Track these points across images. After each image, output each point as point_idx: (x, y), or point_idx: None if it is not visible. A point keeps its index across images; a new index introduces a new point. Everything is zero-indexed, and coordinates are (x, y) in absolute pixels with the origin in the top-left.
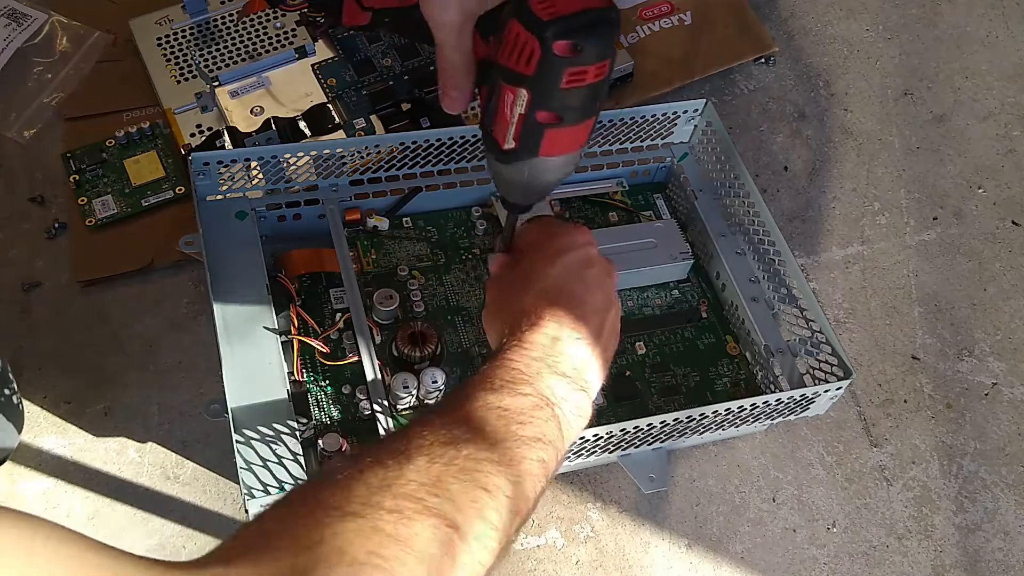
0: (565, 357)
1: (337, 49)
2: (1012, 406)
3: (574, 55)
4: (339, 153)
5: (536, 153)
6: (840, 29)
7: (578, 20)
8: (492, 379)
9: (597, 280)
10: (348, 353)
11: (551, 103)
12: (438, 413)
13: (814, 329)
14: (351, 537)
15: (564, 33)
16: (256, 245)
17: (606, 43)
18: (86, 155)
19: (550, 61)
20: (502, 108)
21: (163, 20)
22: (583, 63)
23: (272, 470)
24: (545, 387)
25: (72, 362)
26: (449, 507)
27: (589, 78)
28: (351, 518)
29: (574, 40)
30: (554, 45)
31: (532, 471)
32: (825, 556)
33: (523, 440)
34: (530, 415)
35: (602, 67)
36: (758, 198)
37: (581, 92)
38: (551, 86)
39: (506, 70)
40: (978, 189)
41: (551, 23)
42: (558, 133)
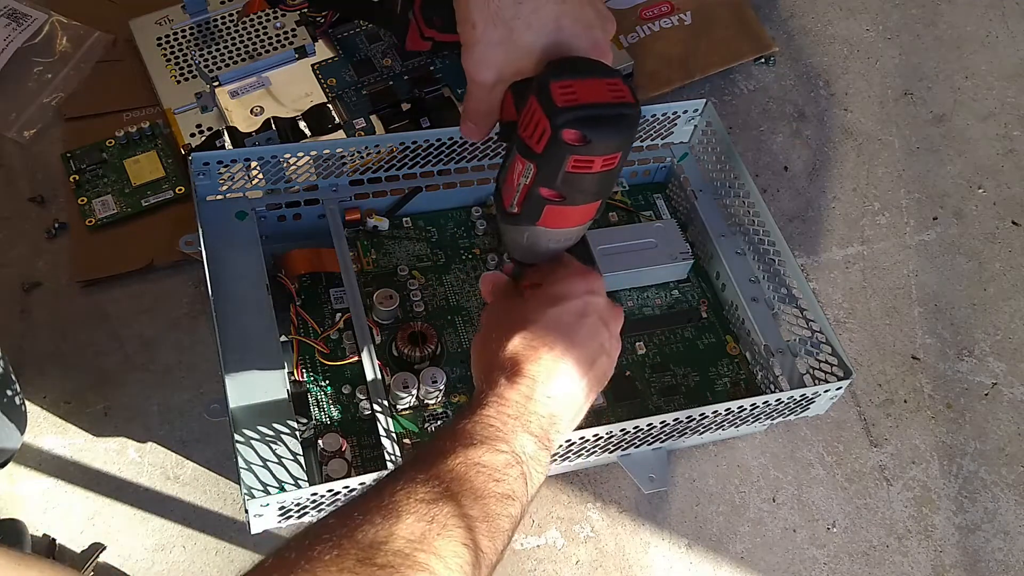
0: (535, 417)
1: (337, 49)
2: (1012, 406)
3: (582, 144)
4: (339, 153)
5: (535, 222)
6: (840, 29)
7: (591, 112)
8: (471, 435)
9: (589, 331)
10: (348, 353)
11: (554, 183)
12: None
13: (814, 329)
14: None
15: (574, 122)
16: (256, 245)
17: (617, 138)
18: (86, 155)
19: (557, 145)
20: (511, 174)
21: (163, 20)
22: (590, 153)
23: (272, 470)
24: (518, 445)
25: (72, 362)
26: (436, 562)
27: (595, 168)
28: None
29: (583, 131)
30: (563, 132)
31: (503, 527)
32: (825, 556)
33: (498, 497)
34: (504, 472)
35: (611, 159)
36: (758, 198)
37: (586, 178)
38: (556, 168)
39: (520, 141)
40: (978, 189)
41: (564, 110)
42: (559, 210)
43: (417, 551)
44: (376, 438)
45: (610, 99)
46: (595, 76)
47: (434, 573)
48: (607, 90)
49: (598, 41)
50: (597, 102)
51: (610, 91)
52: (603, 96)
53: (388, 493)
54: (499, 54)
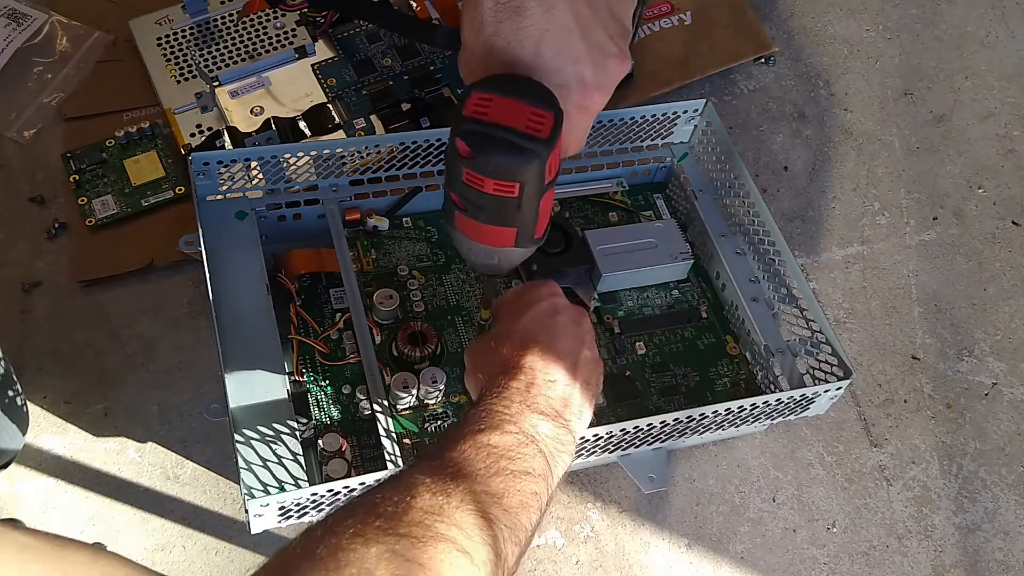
0: (542, 398)
1: (337, 49)
2: (1012, 406)
3: (470, 159)
4: (339, 153)
5: (453, 225)
6: (840, 29)
7: (489, 131)
8: (477, 422)
9: (565, 326)
10: (348, 353)
11: (454, 187)
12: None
13: (814, 329)
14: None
15: (465, 134)
16: (256, 245)
17: (507, 167)
18: (86, 155)
19: (453, 151)
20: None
21: (163, 20)
22: (478, 171)
23: (272, 470)
24: (528, 425)
25: (72, 362)
26: (456, 533)
27: (487, 188)
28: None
29: (471, 146)
30: (456, 140)
31: (526, 502)
32: (825, 556)
33: (514, 474)
34: (517, 451)
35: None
36: (758, 198)
37: (482, 196)
38: (454, 174)
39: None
40: (978, 189)
41: (466, 120)
42: (466, 220)
43: (436, 522)
44: (376, 438)
45: (520, 127)
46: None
47: (454, 541)
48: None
49: (584, 79)
50: (502, 124)
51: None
52: (514, 121)
53: (404, 476)
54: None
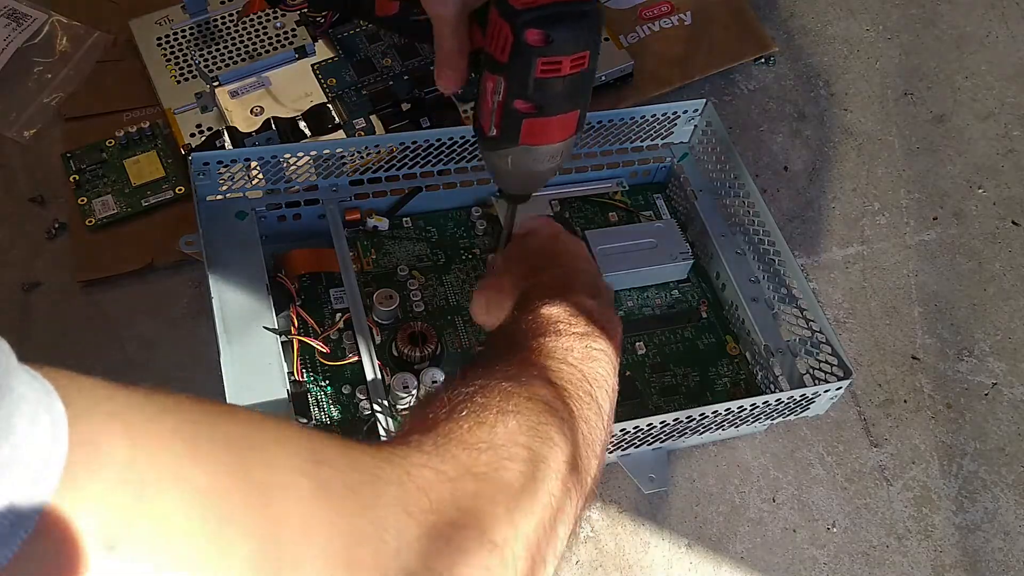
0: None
1: (337, 49)
2: (1012, 406)
3: (546, 44)
4: (339, 153)
5: (516, 141)
6: (840, 29)
7: (550, 10)
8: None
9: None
10: (348, 353)
11: (525, 92)
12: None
13: (814, 329)
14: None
15: (534, 22)
16: (256, 245)
17: (580, 34)
18: (86, 155)
19: (522, 50)
20: (484, 95)
21: (163, 20)
22: (556, 53)
23: None
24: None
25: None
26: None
27: (564, 69)
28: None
29: (544, 29)
30: (526, 33)
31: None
32: (825, 556)
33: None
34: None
35: (579, 58)
36: (758, 198)
37: (557, 82)
38: (525, 75)
39: (488, 57)
40: (978, 189)
41: (523, 11)
42: (537, 122)
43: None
44: (376, 438)
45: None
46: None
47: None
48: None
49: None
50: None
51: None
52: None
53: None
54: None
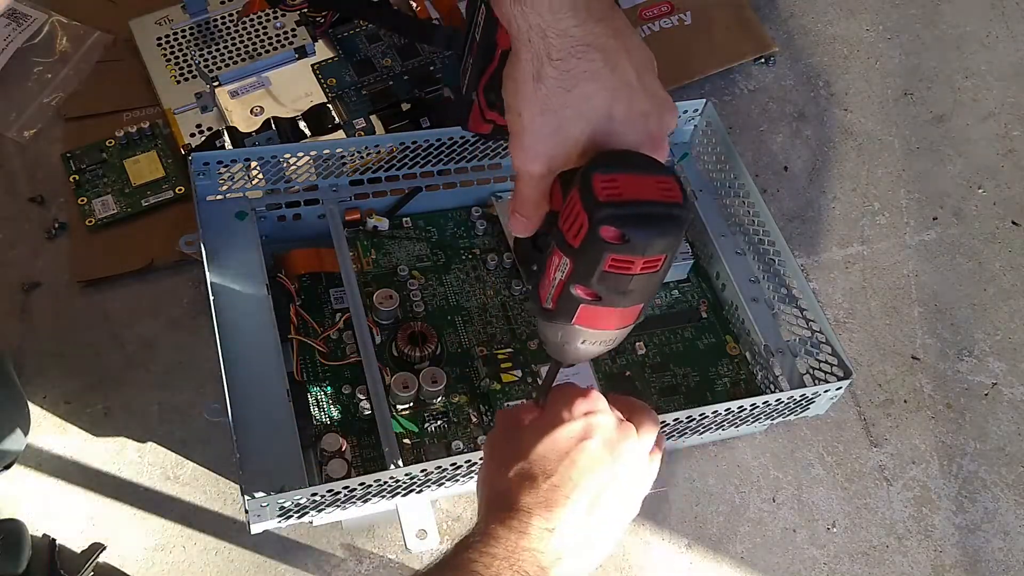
0: (529, 555)
1: (337, 49)
2: (1012, 406)
3: (621, 243)
4: (339, 153)
5: (570, 321)
6: (840, 29)
7: (634, 210)
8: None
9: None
10: (348, 353)
11: (589, 281)
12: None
13: (814, 329)
14: None
15: (614, 219)
16: (256, 245)
17: (660, 240)
18: (86, 155)
19: (595, 242)
20: (548, 268)
21: (163, 20)
22: (629, 253)
23: (272, 470)
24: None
25: (72, 362)
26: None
27: (635, 269)
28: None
29: (623, 229)
30: (601, 229)
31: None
32: (825, 556)
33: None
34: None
35: (653, 261)
36: (758, 198)
37: (624, 279)
38: (592, 265)
39: (559, 233)
40: (978, 189)
41: (604, 206)
42: (595, 310)
43: None
44: (376, 438)
45: (657, 197)
46: (644, 171)
47: None
48: (655, 187)
49: (652, 133)
50: (642, 199)
51: (659, 188)
52: (649, 193)
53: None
54: (548, 145)
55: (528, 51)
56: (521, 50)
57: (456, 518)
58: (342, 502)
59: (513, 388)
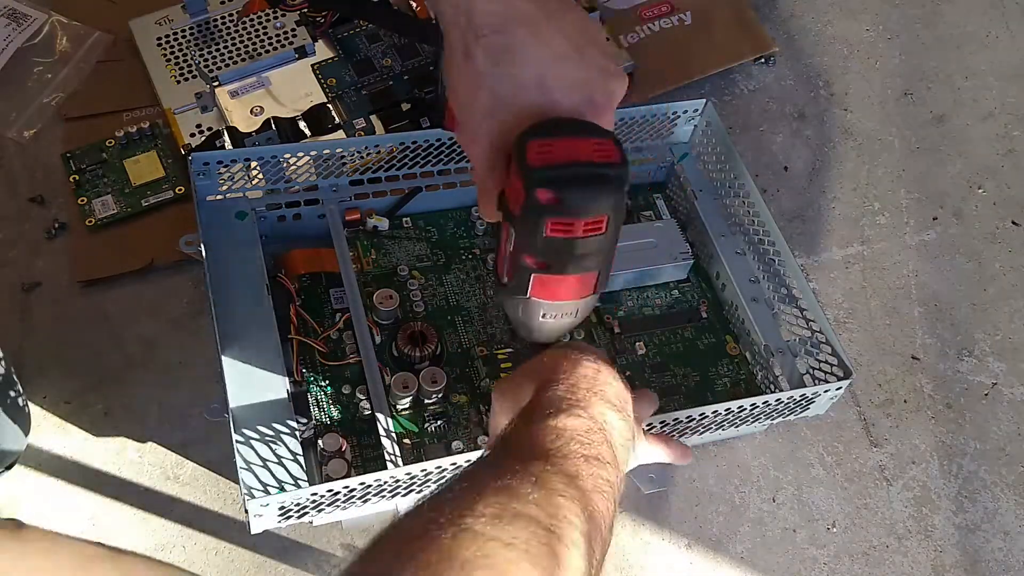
0: (610, 387)
1: (337, 49)
2: (1012, 406)
3: (557, 205)
4: (339, 153)
5: (525, 293)
6: (840, 29)
7: (567, 171)
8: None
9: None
10: (348, 353)
11: (534, 248)
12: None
13: (814, 329)
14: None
15: (548, 182)
16: (256, 245)
17: (598, 200)
18: (86, 155)
19: (533, 207)
20: (501, 242)
21: (163, 20)
22: (568, 216)
23: (272, 470)
24: (597, 412)
25: (72, 362)
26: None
27: (577, 232)
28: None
29: (556, 191)
30: (537, 192)
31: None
32: (825, 556)
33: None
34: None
35: (594, 223)
36: (758, 198)
37: (568, 243)
38: (534, 232)
39: (504, 206)
40: (978, 189)
41: (537, 170)
42: (547, 279)
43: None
44: (376, 438)
45: (592, 158)
46: (580, 135)
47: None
48: (591, 148)
49: (595, 101)
50: (575, 160)
51: (595, 150)
52: (584, 155)
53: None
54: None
55: (456, 31)
56: (450, 32)
57: None
58: (342, 502)
59: None
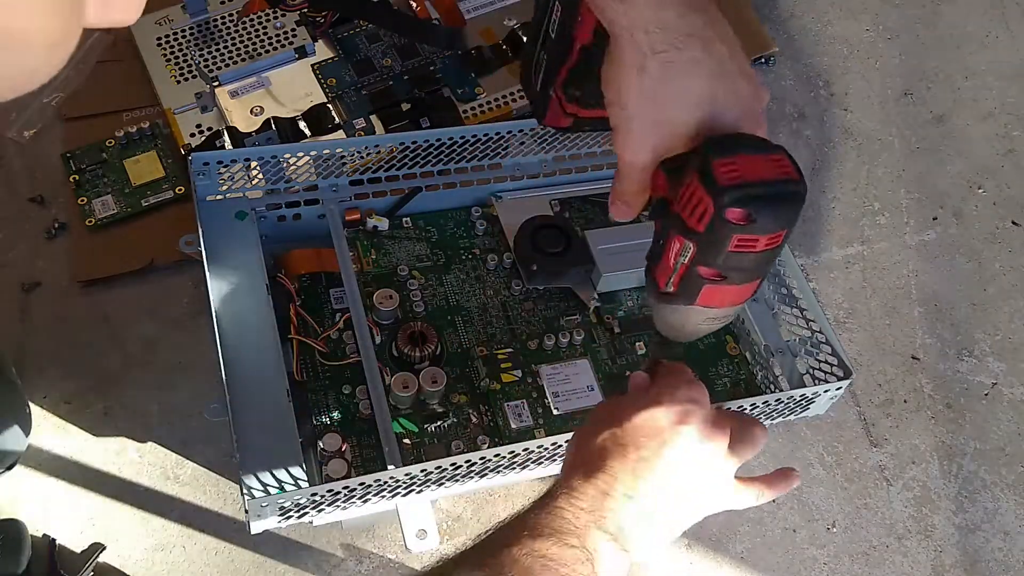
0: (611, 514)
1: (337, 49)
2: (1012, 406)
3: (747, 223)
4: (339, 153)
5: (693, 302)
6: (840, 29)
7: (757, 190)
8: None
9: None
10: (348, 353)
11: (715, 262)
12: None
13: (814, 329)
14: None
15: (740, 201)
16: (256, 245)
17: (783, 217)
18: (86, 155)
19: (721, 225)
20: (667, 253)
21: (163, 20)
22: (755, 232)
23: (272, 470)
24: (590, 542)
25: (72, 362)
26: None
27: (760, 247)
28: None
29: (749, 210)
30: (727, 211)
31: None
32: (825, 556)
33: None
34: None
35: (775, 238)
36: None
37: (748, 257)
38: (718, 247)
39: (678, 219)
40: (978, 189)
41: (729, 189)
42: (717, 289)
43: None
44: (376, 438)
45: (775, 176)
46: (756, 151)
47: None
48: (772, 166)
49: (752, 111)
50: (762, 179)
51: (775, 167)
52: (767, 173)
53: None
54: (653, 135)
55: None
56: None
57: (456, 518)
58: (342, 502)
59: (513, 388)
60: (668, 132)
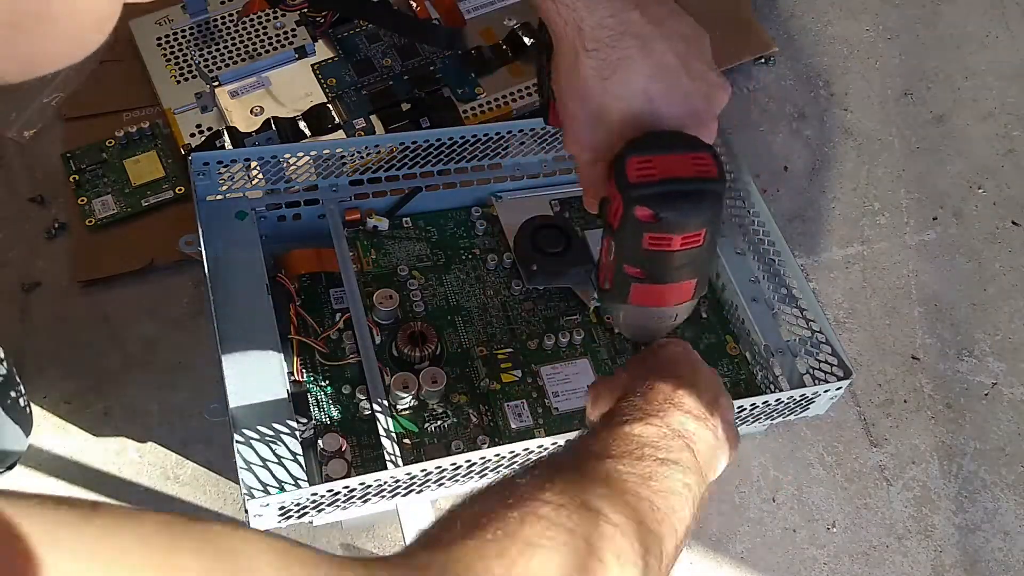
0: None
1: (337, 49)
2: (1012, 406)
3: (654, 221)
4: (339, 153)
5: (626, 300)
6: (840, 29)
7: (664, 188)
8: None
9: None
10: (348, 353)
11: (633, 260)
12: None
13: (814, 329)
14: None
15: (645, 199)
16: (256, 245)
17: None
18: (86, 155)
19: (632, 222)
20: (602, 250)
21: (163, 20)
22: (665, 231)
23: (272, 470)
24: (675, 421)
25: (72, 362)
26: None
27: (675, 245)
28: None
29: (654, 209)
30: (635, 209)
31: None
32: (825, 556)
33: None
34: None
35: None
36: (758, 198)
37: (667, 255)
38: (634, 245)
39: (604, 216)
40: (978, 189)
41: (636, 186)
42: (647, 288)
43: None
44: (376, 438)
45: (690, 174)
46: (679, 150)
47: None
48: (689, 164)
49: (697, 111)
50: (674, 177)
51: (693, 165)
52: (682, 171)
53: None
54: (590, 132)
55: (566, 43)
56: (561, 43)
57: None
58: (342, 502)
59: (513, 388)
60: (604, 129)
